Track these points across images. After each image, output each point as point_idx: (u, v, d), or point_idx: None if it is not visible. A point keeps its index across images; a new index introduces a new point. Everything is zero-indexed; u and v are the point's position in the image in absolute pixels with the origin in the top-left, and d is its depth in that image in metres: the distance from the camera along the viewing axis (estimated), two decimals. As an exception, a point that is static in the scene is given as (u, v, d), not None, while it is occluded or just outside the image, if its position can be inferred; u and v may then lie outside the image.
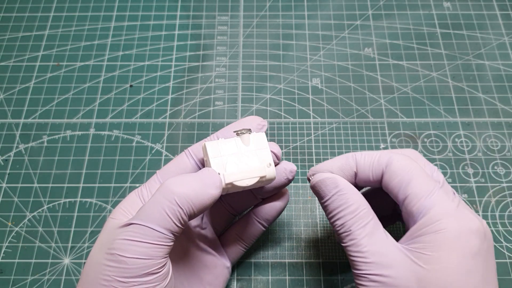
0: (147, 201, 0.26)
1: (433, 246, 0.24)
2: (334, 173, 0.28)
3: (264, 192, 0.31)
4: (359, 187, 0.29)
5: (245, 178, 0.27)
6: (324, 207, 0.28)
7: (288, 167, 0.30)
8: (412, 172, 0.26)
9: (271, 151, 0.29)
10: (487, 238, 0.25)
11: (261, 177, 0.27)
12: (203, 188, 0.25)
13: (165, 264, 0.25)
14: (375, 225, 0.26)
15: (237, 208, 0.33)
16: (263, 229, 0.32)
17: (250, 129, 0.29)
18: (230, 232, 0.33)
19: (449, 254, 0.24)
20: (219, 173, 0.26)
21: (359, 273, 0.25)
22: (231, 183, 0.27)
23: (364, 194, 0.28)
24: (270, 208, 0.32)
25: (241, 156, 0.28)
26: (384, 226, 0.27)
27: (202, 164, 0.30)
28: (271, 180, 0.28)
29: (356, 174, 0.28)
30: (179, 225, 0.24)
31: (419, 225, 0.25)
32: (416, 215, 0.25)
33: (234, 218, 0.34)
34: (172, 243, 0.25)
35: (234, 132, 0.29)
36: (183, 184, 0.25)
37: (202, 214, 0.32)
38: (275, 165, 0.30)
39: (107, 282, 0.24)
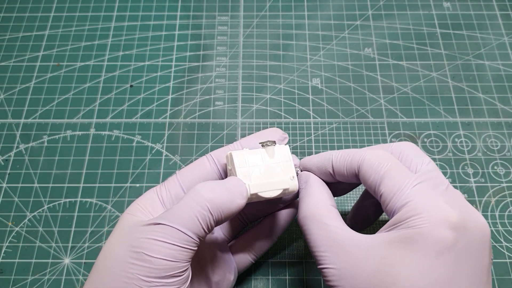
0: (175, 203, 0.26)
1: (399, 243, 0.24)
2: (313, 170, 0.30)
3: (283, 201, 0.32)
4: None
5: (270, 189, 0.27)
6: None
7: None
8: (383, 171, 0.26)
9: None
10: (469, 233, 0.24)
11: (284, 189, 0.28)
12: (231, 197, 0.25)
13: (187, 268, 0.25)
14: (332, 219, 0.26)
15: (251, 217, 0.33)
16: (274, 239, 0.33)
17: (275, 141, 0.29)
18: (240, 241, 0.33)
19: (410, 252, 0.23)
20: (244, 183, 0.27)
21: (318, 267, 0.26)
22: (255, 194, 0.27)
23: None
24: (282, 216, 0.32)
25: (266, 167, 0.28)
26: None
27: (224, 171, 0.30)
28: (293, 192, 0.29)
29: (333, 173, 0.29)
30: (207, 230, 0.25)
31: (391, 222, 0.25)
32: (389, 213, 0.25)
33: (245, 227, 0.34)
34: (196, 248, 0.25)
35: (260, 143, 0.29)
36: (213, 191, 0.25)
37: None
38: None
39: (129, 280, 0.23)
